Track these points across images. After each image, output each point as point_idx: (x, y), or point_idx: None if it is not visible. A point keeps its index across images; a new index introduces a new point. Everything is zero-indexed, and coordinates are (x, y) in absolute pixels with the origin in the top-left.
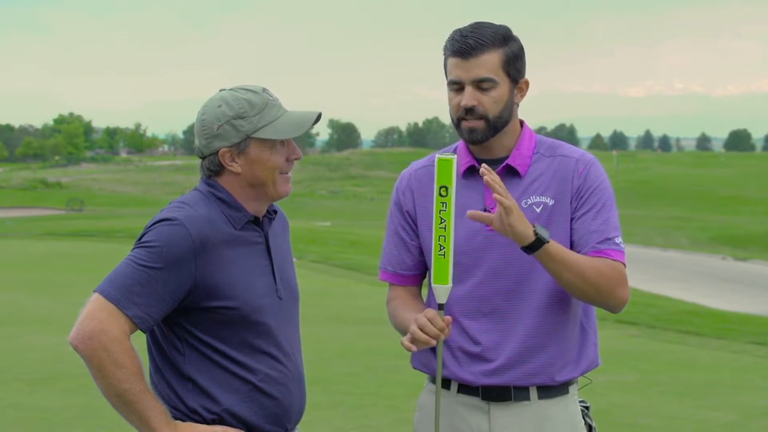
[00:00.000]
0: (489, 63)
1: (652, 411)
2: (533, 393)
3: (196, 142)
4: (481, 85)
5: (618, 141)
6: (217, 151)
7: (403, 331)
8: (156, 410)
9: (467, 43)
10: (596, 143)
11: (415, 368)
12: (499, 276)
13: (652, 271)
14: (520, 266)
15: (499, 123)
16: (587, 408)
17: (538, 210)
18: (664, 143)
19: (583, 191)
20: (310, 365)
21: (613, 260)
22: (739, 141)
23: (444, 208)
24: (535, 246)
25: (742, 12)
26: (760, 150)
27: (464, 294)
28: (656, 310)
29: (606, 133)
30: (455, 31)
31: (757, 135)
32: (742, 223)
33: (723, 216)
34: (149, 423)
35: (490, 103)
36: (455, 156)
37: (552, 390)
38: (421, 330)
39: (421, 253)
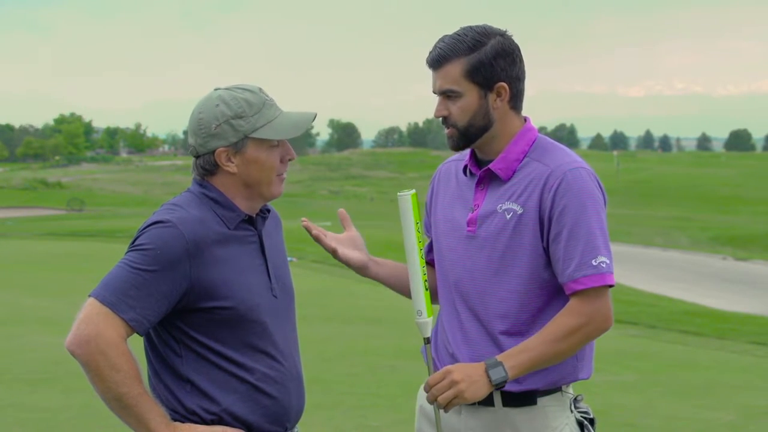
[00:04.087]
0: (450, 74)
1: (651, 411)
2: (497, 399)
3: (191, 140)
4: (447, 94)
5: (618, 141)
6: (214, 151)
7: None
8: (154, 412)
9: (433, 54)
10: (596, 143)
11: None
12: (473, 277)
13: (652, 271)
14: (490, 270)
15: (471, 131)
16: (591, 421)
17: (507, 217)
18: (665, 143)
19: (553, 209)
20: (310, 365)
21: (586, 291)
22: (739, 141)
23: (421, 241)
24: (500, 386)
25: (742, 12)
26: (760, 150)
27: (446, 292)
28: (656, 310)
29: (606, 133)
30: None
31: (757, 135)
32: (742, 223)
33: (723, 216)
34: (148, 425)
35: (457, 112)
36: (414, 190)
37: (517, 398)
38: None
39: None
